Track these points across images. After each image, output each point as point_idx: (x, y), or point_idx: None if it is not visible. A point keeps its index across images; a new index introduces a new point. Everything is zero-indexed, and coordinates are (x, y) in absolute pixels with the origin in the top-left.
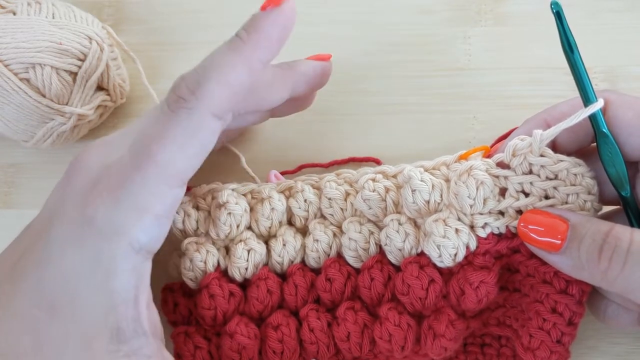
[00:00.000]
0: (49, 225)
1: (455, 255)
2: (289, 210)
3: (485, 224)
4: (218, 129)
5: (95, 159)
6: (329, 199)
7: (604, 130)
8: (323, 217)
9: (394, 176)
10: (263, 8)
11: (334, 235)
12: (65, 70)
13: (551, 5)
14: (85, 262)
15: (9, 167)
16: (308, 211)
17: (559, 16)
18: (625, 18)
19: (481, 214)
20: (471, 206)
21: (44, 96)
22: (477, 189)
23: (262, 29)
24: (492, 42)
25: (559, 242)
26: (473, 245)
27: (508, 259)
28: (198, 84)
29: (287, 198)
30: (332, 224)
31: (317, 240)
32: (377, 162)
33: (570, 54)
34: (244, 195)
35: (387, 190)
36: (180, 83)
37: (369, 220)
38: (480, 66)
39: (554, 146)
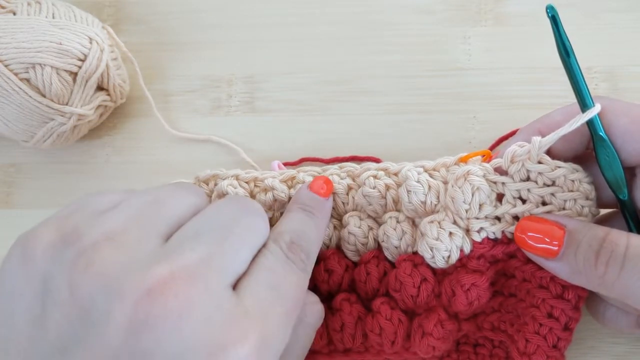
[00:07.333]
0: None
1: (448, 257)
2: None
3: (481, 228)
4: None
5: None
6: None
7: (601, 134)
8: None
9: (396, 174)
10: (320, 193)
11: (334, 227)
12: (66, 70)
13: (547, 9)
14: None
15: (9, 167)
16: None
17: (554, 20)
18: (625, 18)
19: (477, 218)
20: (467, 211)
21: (44, 96)
22: (472, 195)
23: (327, 210)
24: (492, 42)
25: (556, 248)
26: (467, 249)
27: (504, 264)
28: (308, 255)
29: (290, 188)
30: (333, 216)
31: None
32: (378, 162)
33: (567, 58)
34: (247, 182)
35: (387, 187)
36: (296, 248)
37: (369, 216)
38: (480, 66)
39: (549, 154)
